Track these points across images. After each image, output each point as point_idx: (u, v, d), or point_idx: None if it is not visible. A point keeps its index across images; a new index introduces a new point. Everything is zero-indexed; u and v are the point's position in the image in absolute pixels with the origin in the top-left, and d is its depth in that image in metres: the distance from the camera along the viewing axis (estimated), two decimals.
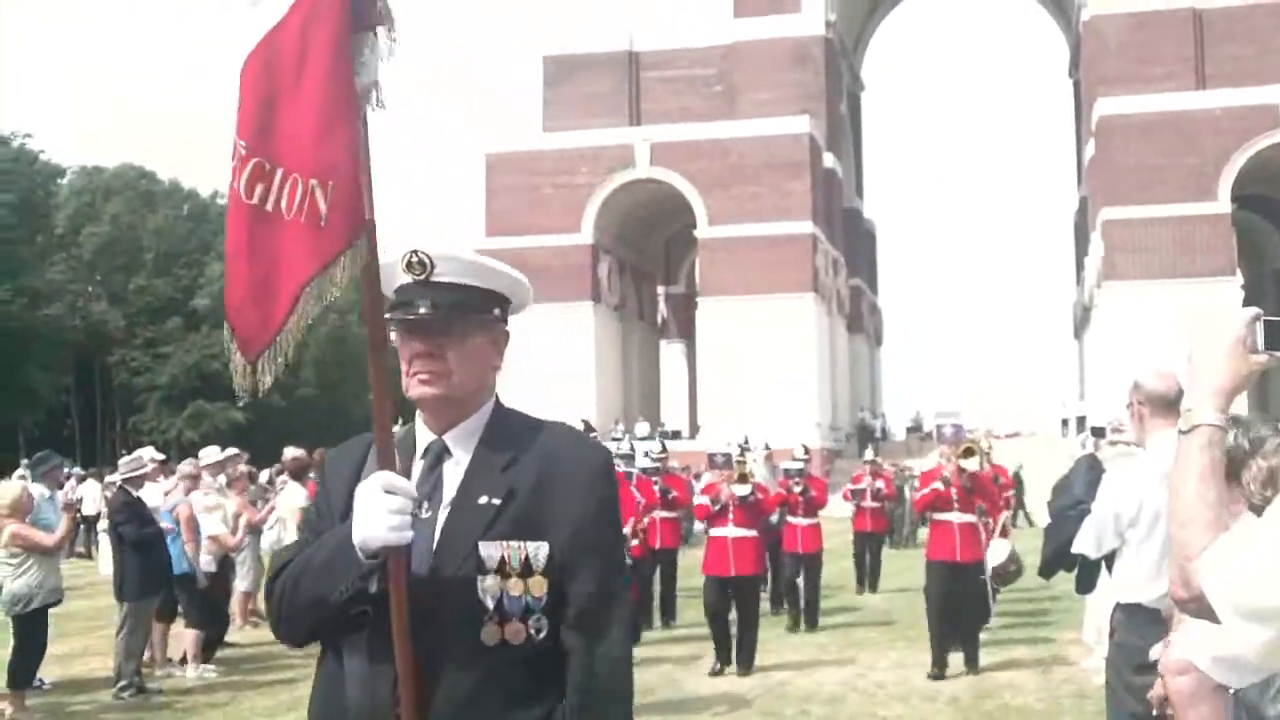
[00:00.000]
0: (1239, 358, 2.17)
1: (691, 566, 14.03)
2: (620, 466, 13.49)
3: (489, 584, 2.34)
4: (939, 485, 11.57)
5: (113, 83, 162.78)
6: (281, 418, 58.06)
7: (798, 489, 14.90)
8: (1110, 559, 5.26)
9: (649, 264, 57.62)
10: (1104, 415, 42.76)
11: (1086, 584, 5.98)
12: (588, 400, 45.26)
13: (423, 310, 2.46)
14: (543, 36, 57.25)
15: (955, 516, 11.49)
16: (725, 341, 47.36)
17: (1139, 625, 4.70)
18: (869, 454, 20.60)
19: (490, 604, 2.34)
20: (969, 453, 11.52)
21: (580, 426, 13.74)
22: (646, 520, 13.57)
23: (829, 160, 52.46)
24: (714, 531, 11.82)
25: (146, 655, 11.28)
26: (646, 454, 16.53)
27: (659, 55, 55.34)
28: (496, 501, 2.39)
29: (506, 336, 2.68)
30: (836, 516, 22.59)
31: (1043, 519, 7.01)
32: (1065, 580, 18.61)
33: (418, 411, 2.56)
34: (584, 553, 2.41)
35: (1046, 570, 6.32)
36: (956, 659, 11.37)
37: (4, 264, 54.48)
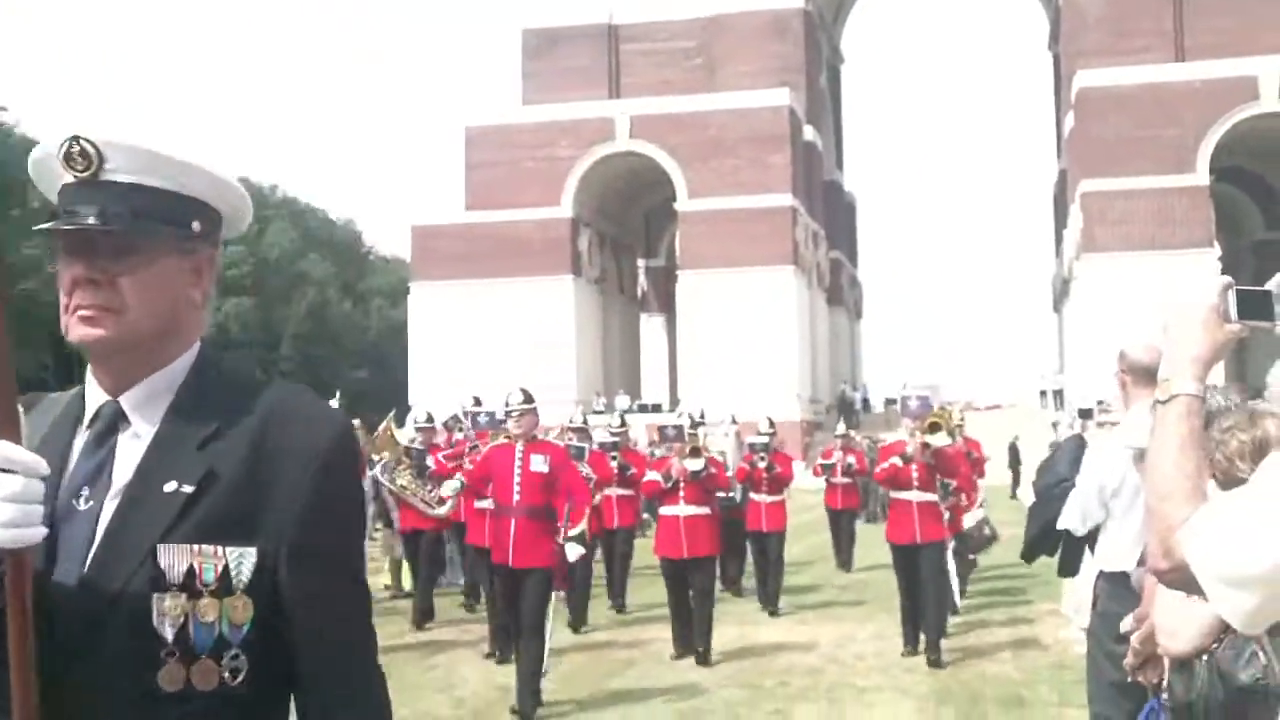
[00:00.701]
0: (1214, 327, 2.18)
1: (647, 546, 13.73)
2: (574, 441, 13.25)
3: (170, 605, 1.67)
4: (897, 461, 10.85)
5: (89, 55, 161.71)
6: None
7: (762, 464, 14.00)
8: (1093, 538, 5.28)
9: (629, 237, 57.58)
10: (1082, 388, 43.00)
11: (1070, 566, 5.83)
12: (568, 374, 45.31)
13: (89, 220, 1.73)
14: (522, 9, 57.00)
15: (914, 495, 10.71)
16: (705, 314, 47.40)
17: (1121, 595, 4.73)
18: (840, 428, 19.79)
19: (170, 633, 1.67)
20: (934, 427, 10.66)
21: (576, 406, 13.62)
22: (599, 498, 12.85)
23: (809, 133, 52.45)
24: (664, 510, 11.23)
25: None
26: (608, 428, 16.00)
27: (638, 28, 55.18)
28: (188, 489, 1.70)
29: (212, 261, 1.87)
30: (809, 489, 22.68)
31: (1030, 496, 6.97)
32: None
33: (89, 365, 1.83)
34: (310, 565, 1.74)
35: (1030, 552, 6.13)
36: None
37: None
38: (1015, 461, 33.23)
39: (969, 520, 11.98)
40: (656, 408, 48.26)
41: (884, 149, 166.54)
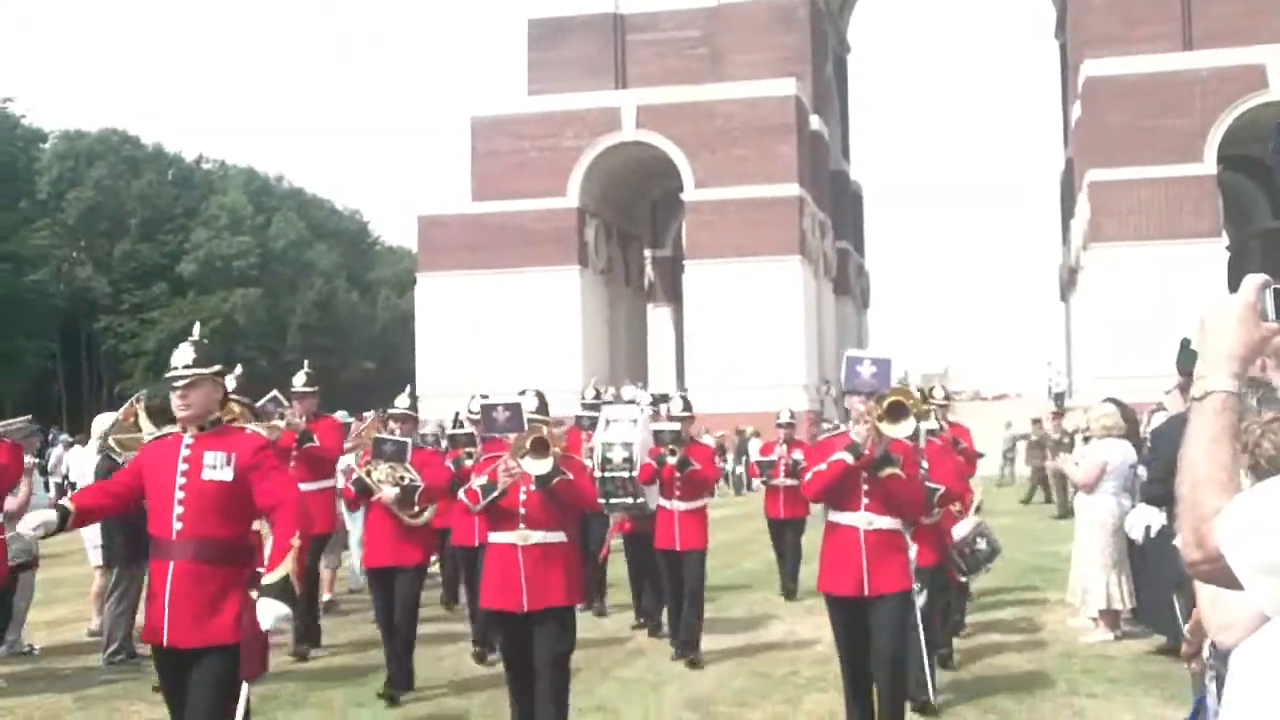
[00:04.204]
0: (1250, 325, 2.19)
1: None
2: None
3: None
4: (847, 456, 6.86)
5: (94, 45, 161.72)
6: (268, 384, 57.88)
7: (672, 459, 10.16)
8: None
9: (635, 227, 57.54)
10: (1090, 377, 42.85)
11: None
12: (574, 365, 45.29)
13: None
14: None
15: (862, 520, 7.01)
16: (712, 304, 47.35)
17: None
18: (785, 415, 15.19)
19: None
20: (896, 411, 6.76)
21: (592, 393, 13.12)
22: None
23: (815, 123, 52.33)
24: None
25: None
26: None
27: (644, 18, 55.08)
28: None
29: None
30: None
31: None
32: (1049, 541, 18.65)
33: None
34: None
35: None
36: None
37: None
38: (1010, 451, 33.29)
39: (960, 530, 9.63)
40: (664, 398, 48.18)
41: (890, 138, 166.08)
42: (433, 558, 11.46)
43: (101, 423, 11.61)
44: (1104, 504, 10.71)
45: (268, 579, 5.24)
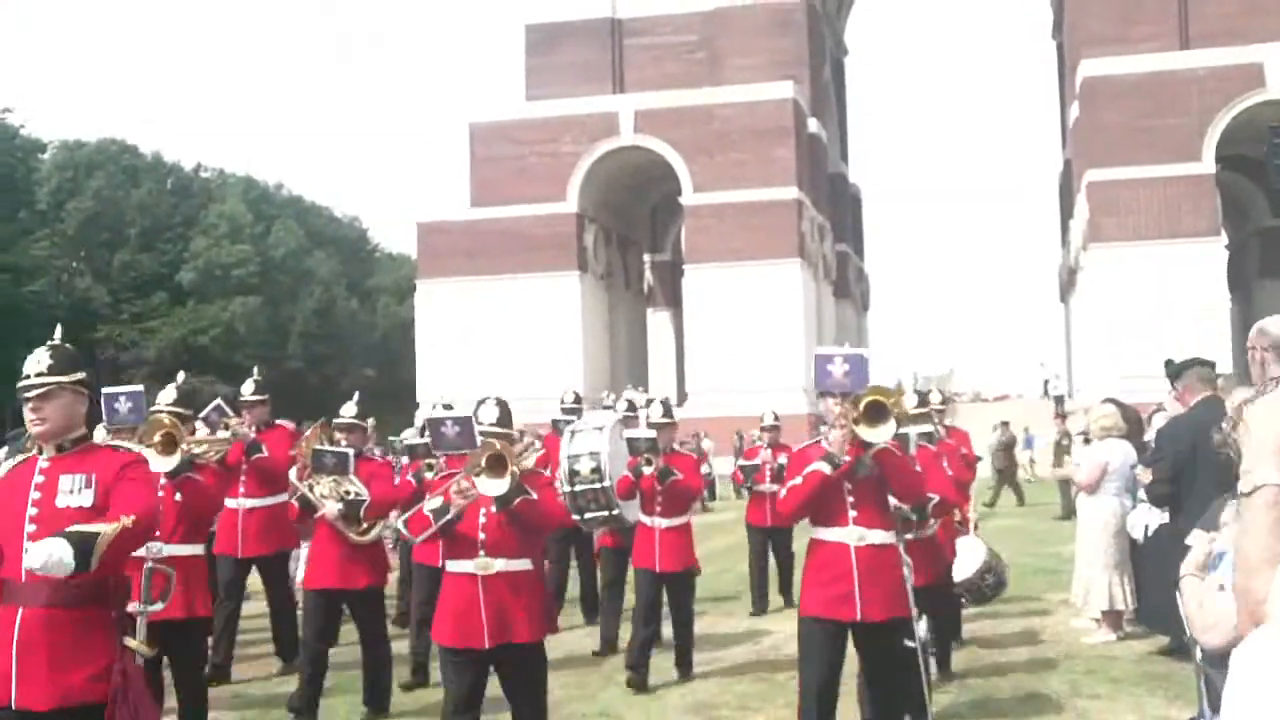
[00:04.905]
0: None
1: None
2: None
3: None
4: (822, 467, 6.17)
5: (92, 54, 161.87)
6: (269, 392, 57.96)
7: (648, 469, 9.35)
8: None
9: (635, 232, 57.57)
10: (1090, 378, 42.84)
11: None
12: (575, 370, 45.30)
13: None
14: (525, 4, 56.95)
15: (852, 535, 6.28)
16: (712, 309, 47.38)
17: None
18: (769, 417, 14.22)
19: None
20: (875, 413, 5.98)
21: (570, 397, 12.52)
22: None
23: (813, 126, 52.36)
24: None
25: None
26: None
27: (641, 22, 55.14)
28: None
29: None
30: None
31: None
32: (1050, 543, 18.61)
33: None
34: None
35: None
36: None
37: None
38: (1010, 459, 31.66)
39: (968, 568, 9.07)
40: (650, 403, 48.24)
41: (888, 141, 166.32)
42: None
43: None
44: (1106, 505, 10.70)
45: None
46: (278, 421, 10.67)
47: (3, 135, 60.21)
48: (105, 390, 7.25)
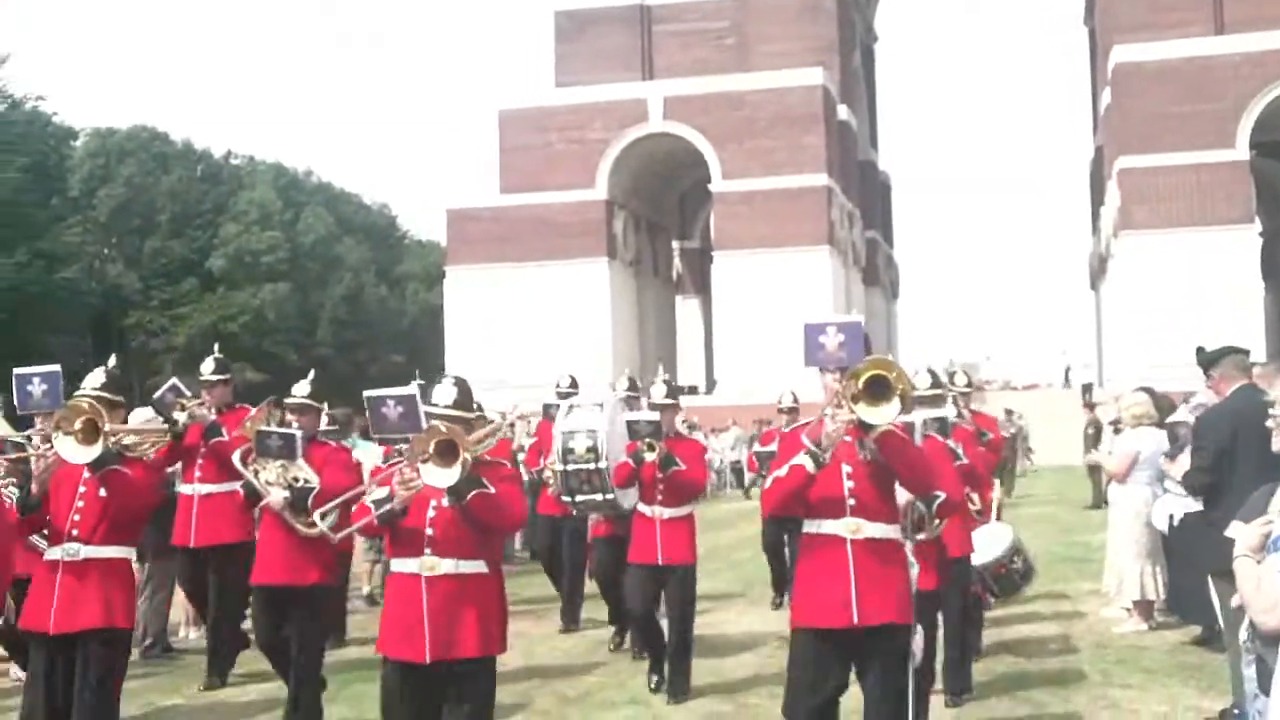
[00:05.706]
0: None
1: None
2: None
3: None
4: (806, 463, 5.29)
5: (122, 42, 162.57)
6: (298, 378, 58.11)
7: (650, 455, 8.33)
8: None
9: (664, 219, 57.50)
10: (1121, 366, 42.58)
11: None
12: (604, 357, 45.30)
13: None
14: None
15: (847, 527, 5.35)
16: (741, 296, 47.31)
17: None
18: (787, 399, 13.01)
19: None
20: (875, 388, 5.09)
21: (566, 381, 11.60)
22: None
23: (843, 112, 52.19)
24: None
25: (173, 617, 11.24)
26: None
27: (670, 8, 55.01)
28: None
29: None
30: None
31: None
32: (1080, 532, 18.50)
33: None
34: None
35: None
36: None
37: (20, 228, 54.49)
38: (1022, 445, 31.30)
39: (993, 549, 8.63)
40: (693, 390, 48.28)
41: (918, 127, 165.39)
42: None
43: (137, 418, 11.55)
44: (1137, 494, 10.63)
45: None
46: (240, 404, 9.70)
47: (35, 123, 60.46)
48: (17, 371, 6.69)
